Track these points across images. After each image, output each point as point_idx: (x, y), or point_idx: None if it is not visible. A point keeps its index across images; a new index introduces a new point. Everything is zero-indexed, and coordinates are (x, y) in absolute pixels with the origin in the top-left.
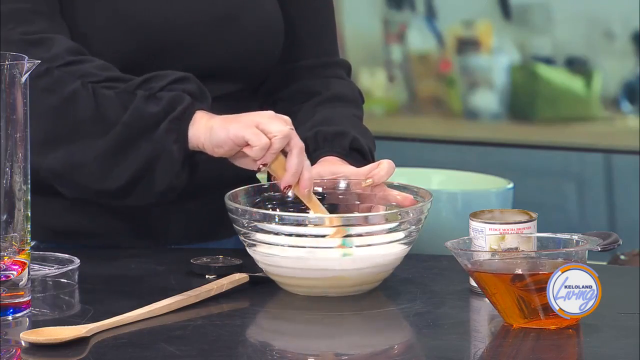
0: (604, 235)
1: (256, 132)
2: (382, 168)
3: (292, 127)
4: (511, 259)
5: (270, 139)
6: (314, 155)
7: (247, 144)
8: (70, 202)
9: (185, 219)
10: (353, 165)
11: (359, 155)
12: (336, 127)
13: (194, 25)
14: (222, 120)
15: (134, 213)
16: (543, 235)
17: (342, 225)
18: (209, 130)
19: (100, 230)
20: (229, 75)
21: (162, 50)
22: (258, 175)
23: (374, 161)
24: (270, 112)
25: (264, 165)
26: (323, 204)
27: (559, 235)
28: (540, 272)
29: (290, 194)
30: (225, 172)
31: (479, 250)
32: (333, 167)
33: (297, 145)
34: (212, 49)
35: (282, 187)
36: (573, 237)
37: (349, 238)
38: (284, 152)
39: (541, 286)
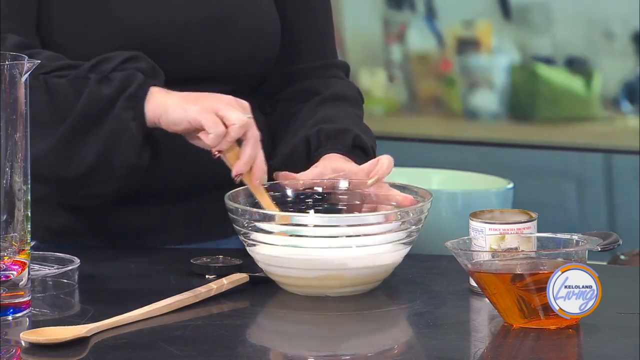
0: (604, 235)
1: (214, 119)
2: (382, 163)
3: (251, 115)
4: (511, 259)
5: (227, 127)
6: (316, 153)
7: (204, 129)
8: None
9: (185, 219)
10: (355, 163)
11: (362, 152)
12: (338, 124)
13: (189, 27)
14: (179, 99)
15: (134, 213)
16: (543, 235)
17: (290, 225)
18: (165, 107)
19: (100, 230)
20: (224, 78)
21: (156, 53)
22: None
23: None
24: (230, 98)
25: (219, 152)
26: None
27: (559, 235)
28: (540, 272)
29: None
30: (225, 172)
31: (479, 250)
32: (335, 164)
33: (254, 135)
34: (208, 51)
35: (233, 175)
36: (573, 237)
37: (293, 227)
38: (240, 142)
39: (541, 286)
